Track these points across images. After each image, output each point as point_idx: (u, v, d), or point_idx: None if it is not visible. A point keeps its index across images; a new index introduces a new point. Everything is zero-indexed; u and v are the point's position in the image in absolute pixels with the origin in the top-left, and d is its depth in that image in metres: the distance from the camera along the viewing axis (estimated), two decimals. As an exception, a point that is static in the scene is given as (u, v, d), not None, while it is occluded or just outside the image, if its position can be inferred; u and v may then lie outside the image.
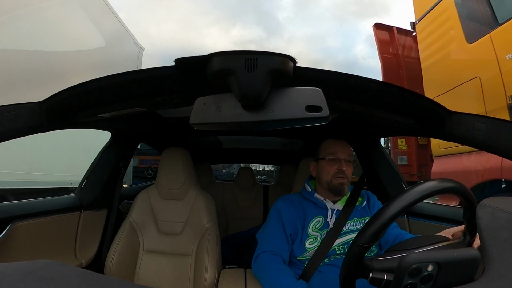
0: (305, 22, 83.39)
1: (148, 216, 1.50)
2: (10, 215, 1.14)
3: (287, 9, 76.19)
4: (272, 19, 73.56)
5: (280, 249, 1.13)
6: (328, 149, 1.24)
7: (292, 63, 0.64)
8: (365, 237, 0.62)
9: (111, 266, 1.35)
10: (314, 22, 78.65)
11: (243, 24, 66.54)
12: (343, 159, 1.20)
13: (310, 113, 0.59)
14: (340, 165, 1.19)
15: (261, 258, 1.12)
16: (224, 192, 2.85)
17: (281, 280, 1.01)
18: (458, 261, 0.53)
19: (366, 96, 0.94)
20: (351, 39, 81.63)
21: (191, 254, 1.42)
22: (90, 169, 1.68)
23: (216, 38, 76.49)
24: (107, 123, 1.40)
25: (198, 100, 0.65)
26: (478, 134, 0.84)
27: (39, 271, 0.34)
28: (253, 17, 71.91)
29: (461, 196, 0.63)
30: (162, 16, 61.65)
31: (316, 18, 76.08)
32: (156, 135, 1.99)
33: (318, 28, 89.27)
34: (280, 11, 74.90)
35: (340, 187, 1.18)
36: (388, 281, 0.59)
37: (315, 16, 76.84)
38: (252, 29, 76.03)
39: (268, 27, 74.82)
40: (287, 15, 78.35)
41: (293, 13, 77.93)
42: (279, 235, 1.16)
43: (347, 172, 1.19)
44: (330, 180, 1.19)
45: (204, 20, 72.64)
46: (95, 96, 0.98)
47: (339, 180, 1.18)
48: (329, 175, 1.19)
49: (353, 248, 0.63)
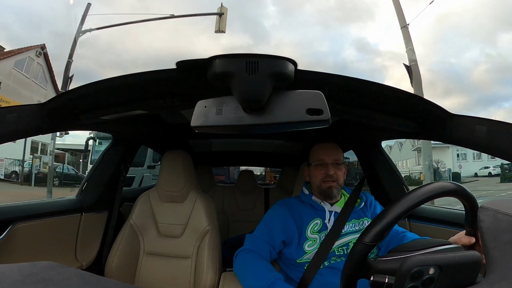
0: (291, 29, 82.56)
1: (149, 218, 1.50)
2: (10, 216, 1.14)
3: (273, 17, 76.09)
4: (258, 26, 73.62)
5: (259, 248, 1.15)
6: (315, 154, 1.26)
7: (293, 66, 0.64)
8: (370, 235, 0.62)
9: (112, 268, 1.35)
10: (300, 29, 77.93)
11: (231, 32, 67.38)
12: (329, 163, 1.21)
13: (311, 116, 0.59)
14: (327, 170, 1.20)
15: (239, 257, 1.15)
16: (225, 195, 2.85)
17: (260, 273, 1.04)
18: (459, 264, 0.53)
19: (367, 99, 0.94)
20: (338, 44, 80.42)
21: (191, 256, 1.41)
22: (91, 171, 1.68)
23: (206, 45, 76.26)
24: (108, 125, 1.40)
25: (199, 103, 0.65)
26: (479, 136, 0.84)
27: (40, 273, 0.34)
28: (240, 25, 71.96)
29: (463, 199, 0.63)
30: (152, 26, 62.61)
31: (301, 24, 75.46)
32: (157, 138, 1.99)
33: (305, 34, 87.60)
34: (265, 19, 74.85)
35: (329, 191, 1.19)
36: (390, 284, 0.59)
37: (300, 22, 76.16)
38: (239, 37, 76.10)
39: (255, 34, 74.82)
40: (273, 23, 77.99)
41: (278, 21, 77.66)
42: (262, 236, 1.18)
43: (336, 175, 1.20)
44: (319, 184, 1.21)
45: (193, 29, 72.83)
46: (96, 99, 0.98)
47: (327, 184, 1.19)
48: (317, 179, 1.22)
49: (358, 246, 0.63)
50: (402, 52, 5.97)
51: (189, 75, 0.78)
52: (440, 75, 37.84)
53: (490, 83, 32.00)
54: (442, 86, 36.80)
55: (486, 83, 32.14)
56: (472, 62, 32.51)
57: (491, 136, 0.82)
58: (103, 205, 1.63)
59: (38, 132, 1.01)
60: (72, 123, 1.09)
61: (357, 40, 39.76)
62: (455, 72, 31.19)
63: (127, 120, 1.29)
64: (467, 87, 31.64)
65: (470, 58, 32.40)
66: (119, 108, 1.01)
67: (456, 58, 30.92)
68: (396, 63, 33.41)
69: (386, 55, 36.31)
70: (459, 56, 32.01)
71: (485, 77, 31.53)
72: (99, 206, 1.59)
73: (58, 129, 1.11)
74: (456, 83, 31.26)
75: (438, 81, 37.27)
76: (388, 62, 33.60)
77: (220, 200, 2.79)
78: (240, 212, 2.77)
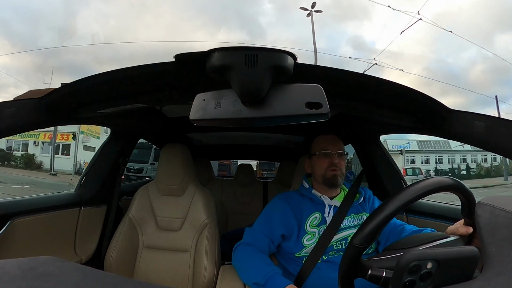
0: (287, 26, 79.00)
1: (148, 212, 1.50)
2: (9, 211, 1.14)
3: (269, 14, 73.50)
4: (255, 23, 71.59)
5: (258, 241, 1.16)
6: (319, 144, 1.28)
7: (292, 59, 0.63)
8: (361, 238, 0.61)
9: (111, 262, 1.36)
10: (296, 26, 74.65)
11: (227, 29, 66.26)
12: (334, 153, 1.23)
13: (310, 109, 0.58)
14: (332, 158, 1.22)
15: (238, 250, 1.16)
16: (224, 188, 2.85)
17: (258, 267, 1.05)
18: (457, 259, 0.54)
19: (366, 93, 0.94)
20: (335, 41, 76.96)
21: (190, 250, 1.42)
22: (89, 165, 1.68)
23: (203, 41, 74.72)
24: (107, 119, 1.39)
25: (198, 96, 0.64)
26: (477, 132, 0.84)
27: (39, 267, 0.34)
28: (237, 22, 70.08)
29: (460, 194, 0.63)
30: (149, 22, 61.74)
31: (297, 22, 72.42)
32: (156, 131, 1.99)
33: (301, 31, 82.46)
34: (262, 16, 72.35)
35: (334, 179, 1.21)
36: (387, 278, 0.60)
37: (296, 20, 72.74)
38: (236, 34, 74.11)
39: (252, 31, 72.68)
40: (269, 20, 75.31)
41: (274, 18, 75.06)
42: (261, 229, 1.19)
43: (339, 165, 1.22)
44: (324, 173, 1.22)
45: (190, 25, 71.33)
46: (94, 92, 0.98)
47: (333, 172, 1.20)
48: (322, 168, 1.22)
49: (350, 249, 0.63)
50: (398, 51, 5.95)
51: (187, 68, 0.77)
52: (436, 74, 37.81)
53: (488, 83, 31.99)
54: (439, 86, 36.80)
55: (483, 84, 32.16)
56: (469, 62, 32.46)
57: (489, 132, 0.82)
58: (102, 199, 1.63)
59: (36, 126, 1.00)
60: (71, 117, 1.08)
61: (353, 37, 39.62)
62: (452, 71, 31.23)
63: (126, 113, 1.28)
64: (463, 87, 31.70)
65: (468, 58, 32.37)
66: (117, 102, 1.00)
67: (453, 58, 30.89)
68: (393, 61, 33.31)
69: (383, 54, 36.40)
70: (456, 56, 32.01)
71: (482, 78, 31.55)
72: (97, 200, 1.59)
73: (57, 123, 1.10)
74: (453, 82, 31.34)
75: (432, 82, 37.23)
76: (385, 60, 33.63)
77: (219, 194, 2.79)
78: (239, 206, 2.78)
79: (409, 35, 29.67)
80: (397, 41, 14.61)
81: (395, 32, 16.37)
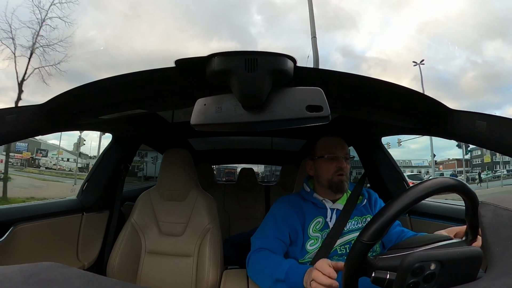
0: (277, 36, 78.56)
1: (150, 217, 1.50)
2: (12, 217, 1.14)
3: (258, 25, 73.47)
4: (245, 33, 71.67)
5: (270, 244, 1.12)
6: (325, 147, 1.23)
7: (292, 63, 0.64)
8: (368, 234, 0.62)
9: (113, 268, 1.36)
10: (285, 36, 74.16)
11: (219, 39, 66.54)
12: (342, 157, 1.19)
13: (311, 112, 0.59)
14: (339, 163, 1.18)
15: (252, 257, 1.12)
16: (226, 193, 2.85)
17: (274, 265, 1.01)
18: (460, 260, 0.53)
19: (367, 96, 0.93)
20: (325, 50, 75.62)
21: (193, 255, 1.42)
22: (91, 171, 1.68)
23: (197, 49, 74.84)
24: (108, 124, 1.40)
25: (198, 101, 0.65)
26: (479, 131, 0.84)
27: (41, 274, 0.34)
28: (228, 32, 70.18)
29: (463, 195, 0.62)
30: (144, 31, 62.03)
31: (286, 32, 71.88)
32: (157, 137, 1.99)
33: (290, 41, 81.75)
34: (252, 27, 72.44)
35: (341, 184, 1.17)
36: (391, 280, 0.59)
37: (285, 30, 72.40)
38: (227, 43, 74.03)
39: (243, 40, 72.66)
40: (259, 30, 75.25)
41: (264, 28, 74.90)
42: (271, 233, 1.15)
43: (345, 169, 1.19)
44: (331, 177, 1.18)
45: (184, 35, 71.38)
46: (95, 99, 0.98)
47: (340, 177, 1.17)
48: (329, 172, 1.19)
49: (357, 245, 0.63)
50: (387, 59, 5.97)
51: (188, 74, 0.77)
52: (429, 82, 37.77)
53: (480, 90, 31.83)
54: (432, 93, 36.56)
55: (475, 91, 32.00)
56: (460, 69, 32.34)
57: (490, 131, 0.82)
58: (104, 205, 1.63)
59: (37, 133, 1.01)
60: (72, 123, 1.09)
61: (341, 46, 40.01)
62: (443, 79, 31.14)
63: (127, 119, 1.29)
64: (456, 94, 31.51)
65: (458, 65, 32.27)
66: (118, 108, 1.00)
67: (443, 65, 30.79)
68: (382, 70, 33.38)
69: (372, 61, 36.53)
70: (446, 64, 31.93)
71: (474, 85, 31.42)
72: (100, 206, 1.59)
73: (58, 130, 1.11)
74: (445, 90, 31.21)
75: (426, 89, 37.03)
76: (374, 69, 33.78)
77: (221, 198, 2.79)
78: (241, 210, 2.77)
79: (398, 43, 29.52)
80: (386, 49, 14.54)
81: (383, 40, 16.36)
